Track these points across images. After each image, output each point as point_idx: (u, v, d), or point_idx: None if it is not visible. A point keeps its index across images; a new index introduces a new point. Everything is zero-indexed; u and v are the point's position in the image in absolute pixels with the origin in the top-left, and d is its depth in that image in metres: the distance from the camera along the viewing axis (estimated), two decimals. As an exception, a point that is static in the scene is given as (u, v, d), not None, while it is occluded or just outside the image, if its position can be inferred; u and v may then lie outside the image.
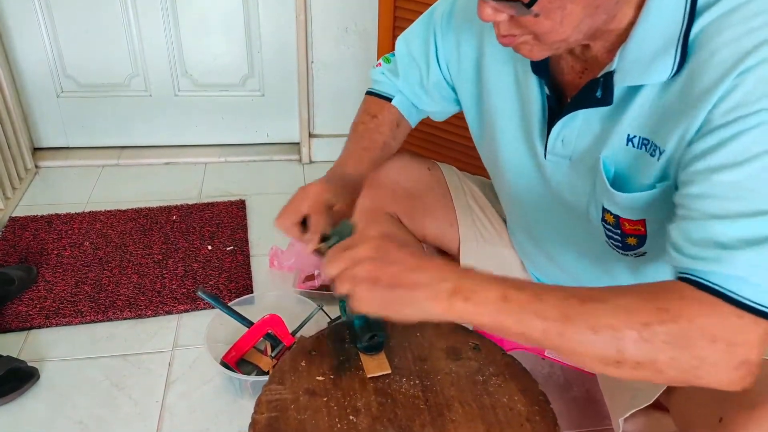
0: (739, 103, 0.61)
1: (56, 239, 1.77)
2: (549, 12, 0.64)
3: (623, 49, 0.70)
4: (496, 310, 0.62)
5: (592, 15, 0.65)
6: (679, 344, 0.58)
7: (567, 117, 0.79)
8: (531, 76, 0.82)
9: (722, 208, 0.61)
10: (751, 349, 0.59)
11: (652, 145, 0.72)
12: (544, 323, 0.61)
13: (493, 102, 0.91)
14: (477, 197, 1.17)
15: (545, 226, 0.98)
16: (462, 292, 0.63)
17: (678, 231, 0.65)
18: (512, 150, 0.92)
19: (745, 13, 0.62)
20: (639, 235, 0.81)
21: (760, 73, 0.60)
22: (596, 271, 0.95)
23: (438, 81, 1.00)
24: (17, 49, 2.02)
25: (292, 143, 2.32)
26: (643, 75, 0.69)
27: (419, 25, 1.01)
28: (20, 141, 2.02)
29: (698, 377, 0.60)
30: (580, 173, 0.83)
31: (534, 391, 0.85)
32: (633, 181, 0.76)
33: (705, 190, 0.62)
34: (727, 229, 0.60)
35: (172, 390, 1.35)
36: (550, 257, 1.02)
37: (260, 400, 0.82)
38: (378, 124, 1.04)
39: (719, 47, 0.63)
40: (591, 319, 0.60)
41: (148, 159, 2.22)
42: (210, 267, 1.69)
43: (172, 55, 2.11)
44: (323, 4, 2.01)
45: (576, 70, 0.79)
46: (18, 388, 1.30)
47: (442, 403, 0.82)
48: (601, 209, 0.81)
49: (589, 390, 1.33)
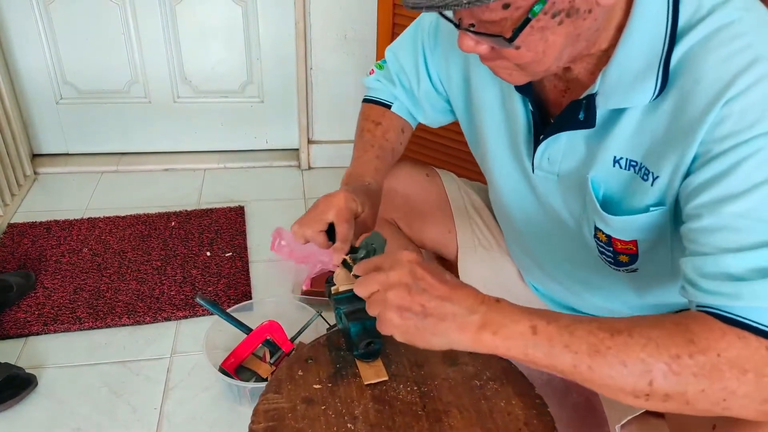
0: (731, 132, 0.61)
1: (55, 246, 1.77)
2: (530, 44, 0.64)
3: (605, 72, 0.70)
4: (524, 344, 0.62)
5: (573, 44, 0.66)
6: (709, 376, 0.58)
7: (551, 138, 0.80)
8: (515, 93, 0.83)
9: (733, 241, 0.61)
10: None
11: (643, 169, 0.72)
12: (574, 357, 0.61)
13: (482, 116, 0.92)
14: (476, 204, 1.17)
15: (538, 240, 0.98)
16: (490, 326, 0.63)
17: (691, 267, 0.64)
18: (502, 163, 0.92)
19: (726, 35, 0.63)
20: (631, 254, 0.81)
21: (747, 99, 0.60)
22: (589, 283, 0.95)
23: (428, 92, 1.00)
24: (17, 56, 2.02)
25: (291, 149, 2.33)
26: (625, 98, 0.70)
27: (407, 36, 1.01)
28: (19, 147, 2.02)
29: (727, 409, 0.59)
30: (569, 190, 0.83)
31: (531, 395, 0.85)
32: (624, 203, 0.76)
33: (713, 222, 0.62)
34: (740, 262, 0.60)
35: (171, 397, 1.35)
36: (544, 269, 1.02)
37: (257, 409, 0.82)
38: (384, 131, 1.03)
39: (704, 73, 0.63)
40: (621, 353, 0.60)
41: (148, 165, 2.23)
42: (209, 273, 1.69)
43: (172, 61, 2.11)
44: (322, 11, 2.02)
45: (558, 89, 0.79)
46: (16, 395, 1.30)
47: (440, 409, 0.82)
48: (594, 227, 0.81)
49: (588, 396, 1.33)
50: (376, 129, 1.04)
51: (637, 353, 0.59)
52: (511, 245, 1.11)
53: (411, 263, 0.67)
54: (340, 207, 0.86)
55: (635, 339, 0.60)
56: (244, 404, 1.32)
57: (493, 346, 0.63)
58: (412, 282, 0.65)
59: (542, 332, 0.62)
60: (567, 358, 0.61)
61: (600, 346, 0.60)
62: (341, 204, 0.86)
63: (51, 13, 1.97)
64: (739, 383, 0.58)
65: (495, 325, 0.63)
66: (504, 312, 0.64)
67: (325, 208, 0.86)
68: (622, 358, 0.60)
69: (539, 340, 0.62)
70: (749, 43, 0.62)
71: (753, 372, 0.58)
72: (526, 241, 1.02)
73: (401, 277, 0.66)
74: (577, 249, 0.89)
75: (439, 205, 1.16)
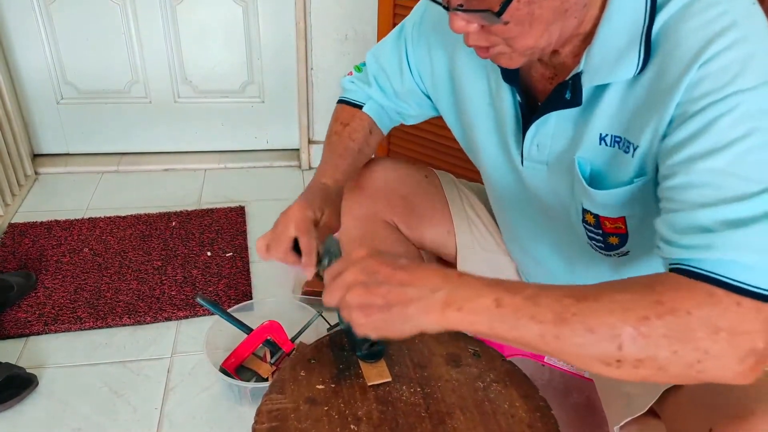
0: (708, 91, 0.61)
1: (55, 246, 1.77)
2: (518, 19, 0.64)
3: (589, 51, 0.71)
4: (490, 318, 0.61)
5: (561, 19, 0.66)
6: (680, 337, 0.56)
7: (539, 120, 0.80)
8: (503, 85, 0.83)
9: (707, 196, 0.60)
10: (756, 337, 0.57)
11: (625, 142, 0.72)
12: (540, 327, 0.59)
13: (469, 110, 0.92)
14: (474, 204, 1.17)
15: (528, 231, 0.99)
16: (455, 302, 0.62)
17: (665, 224, 0.64)
18: (492, 157, 0.92)
19: (702, 4, 0.63)
20: (620, 234, 0.81)
21: (722, 60, 0.61)
22: (582, 273, 0.95)
23: (412, 89, 1.00)
24: (18, 56, 2.02)
25: (291, 149, 2.33)
26: (610, 74, 0.70)
27: (390, 38, 1.02)
28: (20, 147, 2.02)
29: (702, 371, 0.58)
30: (558, 177, 0.83)
31: (535, 397, 0.85)
32: (610, 179, 0.76)
33: (687, 180, 0.62)
34: (714, 215, 0.60)
35: (171, 397, 1.35)
36: (537, 261, 1.03)
37: (260, 410, 0.82)
38: (350, 131, 1.04)
39: (681, 40, 0.64)
40: (587, 318, 0.58)
41: (148, 165, 2.23)
42: (209, 273, 1.69)
43: (172, 61, 2.11)
44: (323, 11, 2.02)
45: (546, 76, 0.80)
46: (17, 394, 1.30)
47: (443, 410, 0.82)
48: (581, 210, 0.81)
49: (588, 397, 1.33)
50: (344, 130, 1.04)
51: (604, 318, 0.58)
52: (510, 244, 1.11)
53: (362, 259, 0.66)
54: (297, 219, 0.86)
55: (601, 303, 0.59)
56: (245, 404, 1.32)
57: (459, 323, 0.62)
58: (367, 278, 0.65)
59: (507, 305, 0.61)
60: (534, 329, 0.60)
61: (565, 314, 0.59)
62: (297, 216, 0.86)
63: (52, 13, 1.97)
64: (711, 342, 0.56)
65: (459, 300, 0.62)
66: (468, 287, 0.63)
67: (284, 227, 0.86)
68: (589, 324, 0.58)
69: (505, 312, 0.61)
70: (724, 10, 0.62)
71: (726, 330, 0.56)
72: (517, 233, 1.02)
73: (355, 276, 0.65)
74: (567, 238, 0.90)
75: (438, 206, 1.17)
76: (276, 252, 0.87)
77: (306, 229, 0.85)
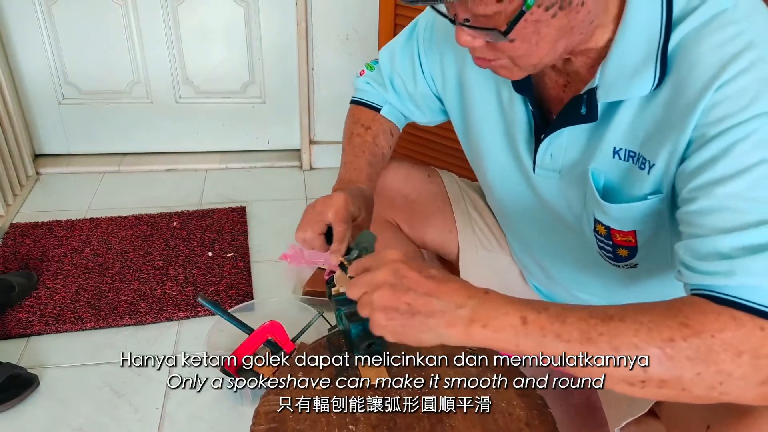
0: (726, 114, 0.61)
1: (57, 246, 1.78)
2: (524, 37, 0.64)
3: (604, 66, 0.71)
4: (515, 336, 0.61)
5: (567, 36, 0.66)
6: (704, 359, 0.57)
7: (554, 135, 0.80)
8: (515, 95, 0.83)
9: (726, 221, 0.61)
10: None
11: (641, 158, 0.72)
12: (566, 345, 0.60)
13: (477, 118, 0.92)
14: (477, 205, 1.17)
15: (536, 238, 0.98)
16: (480, 319, 0.62)
17: (685, 249, 0.64)
18: (498, 164, 0.92)
19: (720, 22, 0.63)
20: (630, 247, 0.81)
21: (740, 82, 0.61)
22: (589, 282, 0.95)
23: (425, 93, 1.00)
24: (19, 56, 2.02)
25: (292, 150, 2.33)
26: (626, 90, 0.70)
27: (402, 38, 1.01)
28: (21, 148, 2.03)
29: (725, 393, 0.59)
30: (571, 185, 0.83)
31: (533, 395, 0.85)
32: (623, 193, 0.76)
33: (707, 204, 0.62)
34: (734, 241, 0.60)
35: (173, 397, 1.35)
36: (544, 268, 1.02)
37: (258, 411, 0.82)
38: (374, 135, 1.03)
39: (698, 59, 0.64)
40: (613, 339, 0.59)
41: (149, 166, 2.23)
42: (210, 273, 1.69)
43: (174, 62, 2.12)
44: (324, 11, 2.02)
45: (559, 84, 0.80)
46: (18, 394, 1.30)
47: (441, 409, 0.82)
48: (593, 220, 0.81)
49: (589, 397, 1.33)
50: (366, 133, 1.03)
51: (630, 338, 0.58)
52: (513, 245, 1.11)
53: (395, 262, 0.66)
54: (338, 207, 0.85)
55: (627, 324, 0.59)
56: (246, 405, 1.32)
57: (483, 340, 0.62)
58: (396, 281, 0.65)
59: (533, 323, 0.61)
60: (559, 348, 0.60)
61: (592, 333, 0.59)
62: (340, 204, 0.86)
63: (53, 14, 1.98)
64: (734, 365, 0.57)
65: (484, 318, 0.62)
66: (493, 304, 0.63)
67: (323, 209, 0.86)
68: (615, 344, 0.59)
69: (530, 330, 0.61)
70: (742, 30, 0.62)
71: (748, 353, 0.57)
72: (524, 240, 1.02)
73: (385, 278, 0.65)
74: (576, 246, 0.90)
75: (440, 205, 1.17)
76: (307, 231, 0.86)
77: (344, 218, 0.85)
